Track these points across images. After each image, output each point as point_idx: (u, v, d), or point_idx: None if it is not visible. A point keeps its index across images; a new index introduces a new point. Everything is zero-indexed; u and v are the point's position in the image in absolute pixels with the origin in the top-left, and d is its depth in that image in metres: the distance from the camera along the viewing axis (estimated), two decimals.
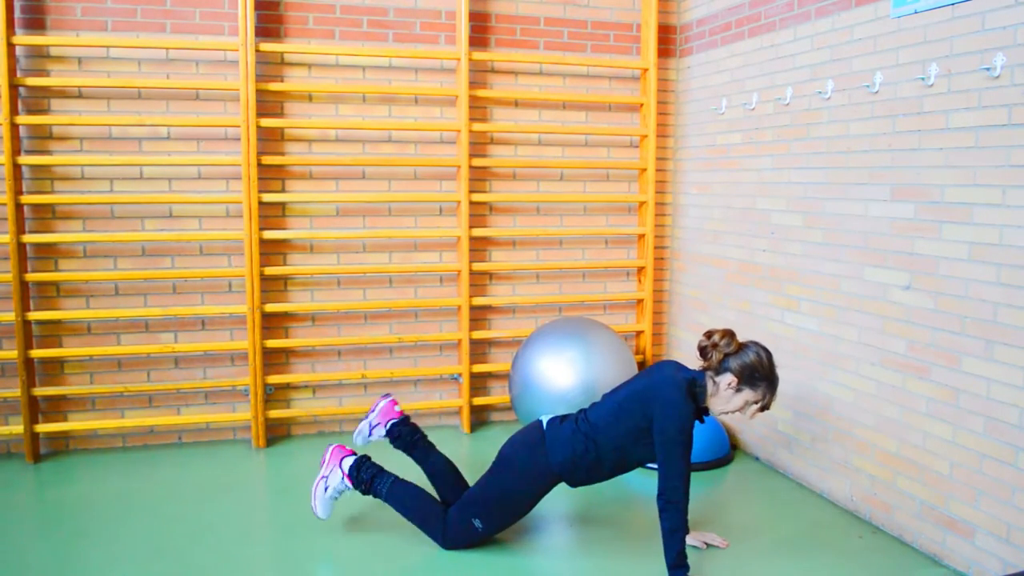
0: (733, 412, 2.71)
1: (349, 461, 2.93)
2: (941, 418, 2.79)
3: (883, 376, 3.04)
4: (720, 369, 2.65)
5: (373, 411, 3.17)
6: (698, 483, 3.43)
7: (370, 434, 3.15)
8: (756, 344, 2.69)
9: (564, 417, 2.85)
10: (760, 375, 2.64)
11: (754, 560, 2.85)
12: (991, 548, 2.61)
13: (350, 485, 2.91)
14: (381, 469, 2.93)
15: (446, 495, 2.97)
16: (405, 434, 3.10)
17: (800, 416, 3.52)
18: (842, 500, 3.29)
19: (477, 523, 2.80)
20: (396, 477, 2.93)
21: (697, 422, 2.69)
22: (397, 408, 3.18)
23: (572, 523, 3.18)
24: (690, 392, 2.63)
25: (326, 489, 2.91)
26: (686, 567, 2.59)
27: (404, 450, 3.10)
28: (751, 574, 2.76)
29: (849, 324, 3.20)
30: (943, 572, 2.76)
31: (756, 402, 2.67)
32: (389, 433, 3.13)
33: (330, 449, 2.99)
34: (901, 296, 2.94)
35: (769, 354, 2.68)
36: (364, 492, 2.92)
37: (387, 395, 3.22)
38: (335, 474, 2.92)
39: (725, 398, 2.67)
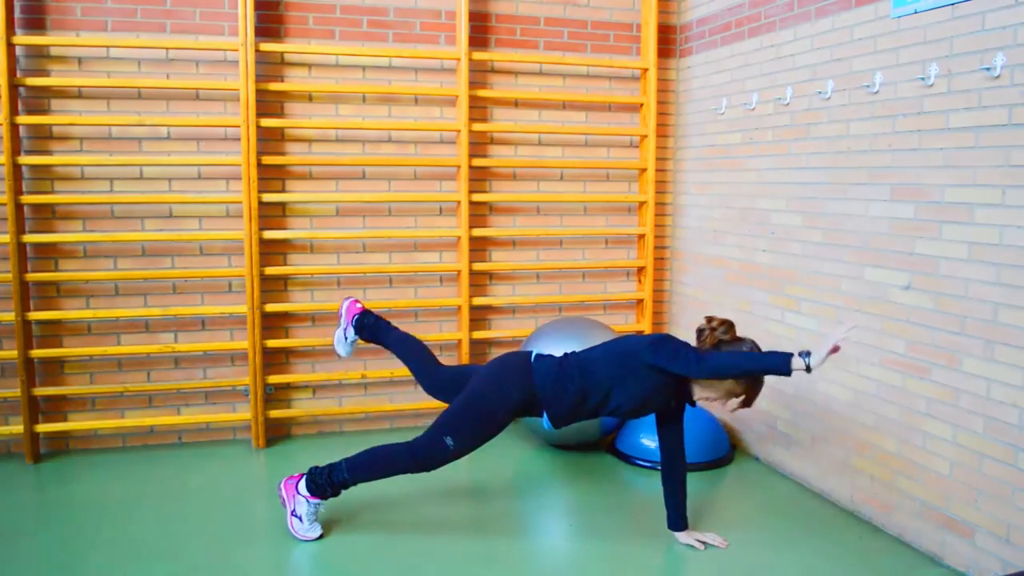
0: (714, 400, 2.69)
1: (303, 484, 2.93)
2: (941, 418, 2.79)
3: (883, 376, 3.03)
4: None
5: (342, 316, 3.23)
6: (698, 483, 3.44)
7: (346, 339, 3.21)
8: (752, 341, 2.69)
9: (550, 356, 2.90)
10: None
11: (754, 560, 2.85)
12: (991, 548, 2.61)
13: (318, 500, 2.93)
14: (330, 465, 2.92)
15: (422, 375, 3.04)
16: (369, 324, 3.17)
17: (800, 416, 3.52)
18: (842, 500, 3.29)
19: (449, 440, 2.80)
20: (344, 460, 2.93)
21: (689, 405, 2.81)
22: (358, 304, 3.24)
23: (575, 513, 3.20)
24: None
25: (301, 519, 2.93)
26: (788, 354, 2.49)
27: (373, 340, 3.17)
28: (750, 574, 2.76)
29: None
30: (943, 572, 2.76)
31: (738, 395, 2.66)
32: (357, 331, 3.19)
33: (281, 488, 2.98)
34: (901, 296, 2.94)
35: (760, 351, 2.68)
36: (335, 494, 2.93)
37: (347, 297, 3.27)
38: (300, 503, 2.92)
39: (709, 382, 2.66)
